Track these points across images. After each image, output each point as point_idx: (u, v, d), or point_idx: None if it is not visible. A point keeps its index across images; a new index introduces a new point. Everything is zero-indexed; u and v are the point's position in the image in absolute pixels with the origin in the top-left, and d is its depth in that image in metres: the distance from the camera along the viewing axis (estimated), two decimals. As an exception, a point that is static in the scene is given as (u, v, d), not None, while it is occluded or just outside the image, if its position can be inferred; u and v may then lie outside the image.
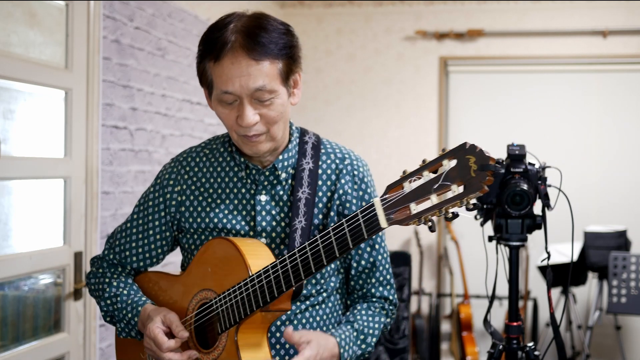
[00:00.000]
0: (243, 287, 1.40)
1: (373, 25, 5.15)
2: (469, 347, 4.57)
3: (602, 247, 3.93)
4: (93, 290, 1.69)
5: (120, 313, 1.59)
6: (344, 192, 1.56)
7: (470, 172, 1.11)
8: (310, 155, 1.57)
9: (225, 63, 1.41)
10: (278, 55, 1.43)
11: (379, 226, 1.23)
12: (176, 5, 3.49)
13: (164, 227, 1.62)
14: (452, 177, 1.13)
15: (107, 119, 2.90)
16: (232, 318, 1.42)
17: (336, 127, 5.15)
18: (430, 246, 5.09)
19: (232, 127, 1.47)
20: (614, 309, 3.53)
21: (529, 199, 2.09)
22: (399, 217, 1.20)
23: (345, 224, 1.28)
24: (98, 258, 1.71)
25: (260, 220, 1.53)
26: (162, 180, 1.64)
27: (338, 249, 1.30)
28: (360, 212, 1.26)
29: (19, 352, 2.46)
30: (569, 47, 4.89)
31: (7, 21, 2.41)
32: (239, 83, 1.40)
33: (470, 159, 1.11)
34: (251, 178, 1.56)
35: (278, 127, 1.48)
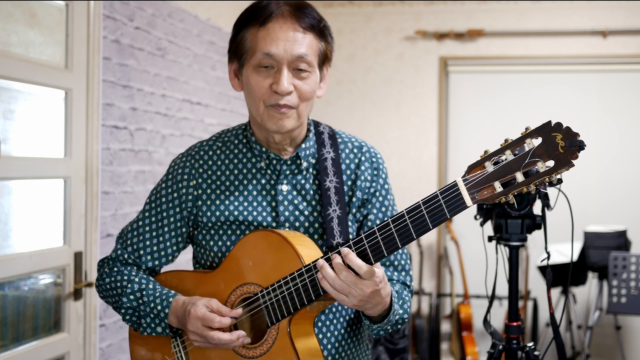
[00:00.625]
0: (298, 278, 1.37)
1: (373, 25, 5.15)
2: (469, 347, 4.57)
3: (602, 247, 3.93)
4: (110, 289, 1.59)
5: (147, 307, 1.51)
6: (364, 178, 1.57)
7: (559, 148, 1.16)
8: (330, 145, 1.57)
9: (272, 26, 1.43)
10: (321, 35, 1.47)
11: (464, 205, 1.24)
12: (176, 5, 3.49)
13: (179, 223, 1.58)
14: (538, 154, 1.18)
15: (107, 119, 2.90)
16: (286, 309, 1.39)
17: (336, 127, 5.13)
18: (430, 246, 5.09)
19: (263, 96, 1.45)
20: (614, 309, 3.53)
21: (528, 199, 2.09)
22: (484, 195, 1.23)
23: (423, 205, 1.27)
24: (109, 259, 1.63)
25: (283, 210, 1.52)
26: (174, 175, 1.59)
27: (415, 231, 1.28)
28: (441, 193, 1.25)
29: (19, 352, 2.46)
30: (568, 47, 4.89)
31: (7, 21, 2.41)
32: (283, 46, 1.41)
33: (557, 135, 1.17)
34: (271, 168, 1.54)
35: (306, 107, 1.47)
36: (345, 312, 1.56)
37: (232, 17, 4.31)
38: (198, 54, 3.72)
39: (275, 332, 1.42)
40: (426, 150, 5.10)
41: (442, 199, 1.25)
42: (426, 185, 5.08)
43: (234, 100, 4.16)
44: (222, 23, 4.06)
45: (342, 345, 1.55)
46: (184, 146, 3.57)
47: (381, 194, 1.59)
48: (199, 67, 3.74)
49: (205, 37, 3.81)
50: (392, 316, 1.44)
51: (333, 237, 1.46)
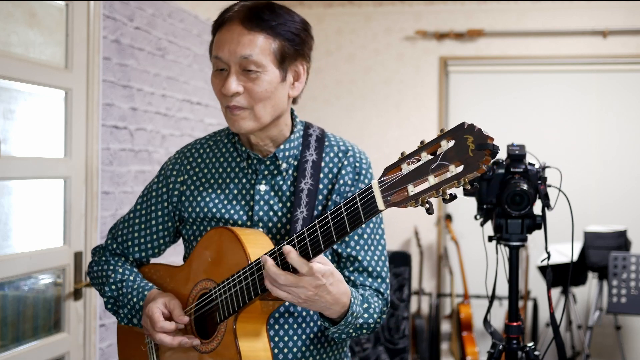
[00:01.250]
0: (242, 276, 1.39)
1: (373, 25, 5.15)
2: (469, 347, 4.57)
3: (602, 247, 3.93)
4: (96, 277, 1.67)
5: (125, 298, 1.58)
6: (344, 182, 1.55)
7: (469, 152, 1.09)
8: (314, 147, 1.56)
9: (222, 31, 1.48)
10: (275, 34, 1.46)
11: (377, 208, 1.21)
12: (176, 5, 3.49)
13: (166, 217, 1.63)
14: (449, 157, 1.11)
15: (107, 119, 2.90)
16: (231, 307, 1.41)
17: (336, 127, 5.15)
18: (430, 246, 5.09)
19: (220, 99, 1.49)
20: (614, 309, 3.53)
21: (529, 199, 2.09)
22: (397, 199, 1.18)
23: (344, 207, 1.26)
24: (100, 247, 1.71)
25: (258, 209, 1.53)
26: (165, 171, 1.65)
27: (336, 234, 1.27)
28: (358, 195, 1.24)
29: (19, 352, 2.46)
30: (569, 47, 4.89)
31: (7, 21, 2.41)
32: (227, 48, 1.45)
33: (468, 138, 1.10)
34: (252, 168, 1.56)
35: (263, 107, 1.47)
36: (316, 316, 1.54)
37: (232, 17, 4.30)
38: (198, 54, 3.72)
39: (224, 329, 1.44)
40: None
41: (359, 202, 1.24)
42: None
43: (234, 100, 4.15)
44: (222, 23, 4.05)
45: (310, 351, 1.53)
46: (184, 146, 3.57)
47: None
48: (199, 67, 3.74)
49: (205, 37, 3.81)
50: (350, 318, 1.41)
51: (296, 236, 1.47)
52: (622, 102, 4.88)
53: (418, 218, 5.07)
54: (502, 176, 2.15)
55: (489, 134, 1.09)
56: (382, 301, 1.55)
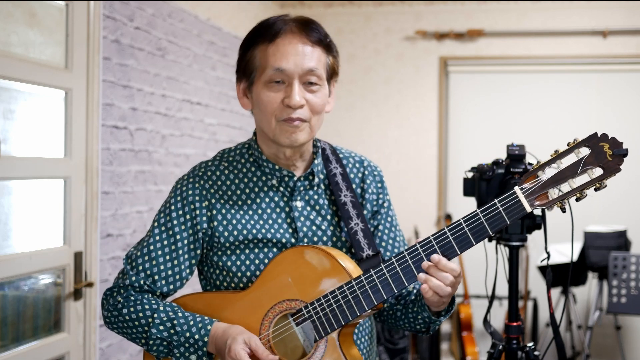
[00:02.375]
0: (347, 290, 1.40)
1: (373, 25, 5.15)
2: (469, 347, 4.57)
3: (602, 247, 3.93)
4: (128, 320, 1.50)
5: (182, 337, 1.46)
6: (372, 191, 1.61)
7: (607, 157, 1.31)
8: (335, 160, 1.60)
9: (282, 42, 1.46)
10: (328, 50, 1.51)
11: (524, 210, 1.34)
12: (176, 5, 3.49)
13: (193, 245, 1.53)
14: (589, 162, 1.32)
15: (107, 119, 2.90)
16: (335, 322, 1.41)
17: (336, 127, 5.15)
18: (430, 246, 5.08)
19: (275, 111, 1.46)
20: (614, 309, 3.53)
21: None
22: (541, 201, 1.35)
23: (481, 213, 1.36)
24: (120, 287, 1.54)
25: (301, 226, 1.53)
26: (184, 197, 1.54)
27: (474, 238, 1.36)
28: (499, 201, 1.35)
29: (19, 352, 2.46)
30: (569, 47, 4.89)
31: (7, 21, 2.41)
32: (293, 61, 1.44)
33: (604, 145, 1.31)
34: (283, 185, 1.54)
35: (318, 120, 1.50)
36: (364, 321, 1.59)
37: (232, 17, 4.33)
38: (198, 54, 3.72)
39: (324, 345, 1.43)
40: (426, 150, 5.09)
41: (500, 207, 1.35)
42: (426, 185, 5.08)
43: (233, 101, 4.16)
44: (222, 23, 4.06)
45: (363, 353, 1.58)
46: (184, 146, 3.57)
47: (387, 206, 1.64)
48: (199, 67, 3.74)
49: (205, 37, 3.81)
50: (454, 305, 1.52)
51: (362, 249, 1.50)
52: (622, 102, 4.88)
53: (418, 218, 5.07)
54: (502, 176, 2.15)
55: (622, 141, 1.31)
56: None
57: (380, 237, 1.61)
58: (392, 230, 1.63)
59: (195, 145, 3.70)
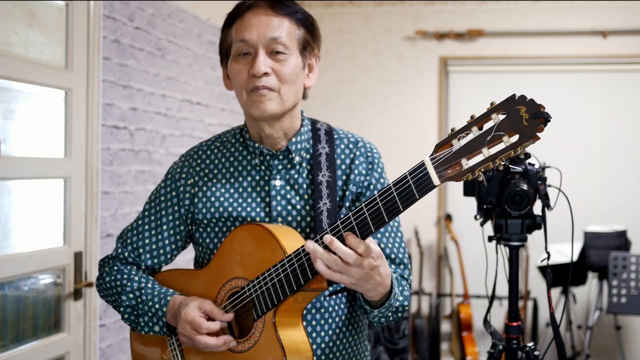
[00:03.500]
0: (280, 269, 1.38)
1: (373, 25, 5.15)
2: (469, 347, 4.57)
3: (602, 247, 3.93)
4: (109, 287, 1.60)
5: (145, 305, 1.53)
6: (358, 172, 1.58)
7: (523, 121, 1.14)
8: (325, 140, 1.59)
9: (247, 16, 1.50)
10: (299, 21, 1.51)
11: (432, 184, 1.23)
12: (176, 5, 3.49)
13: (178, 221, 1.61)
14: (503, 128, 1.16)
15: (107, 119, 2.90)
16: (270, 301, 1.40)
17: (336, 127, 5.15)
18: (430, 246, 5.09)
19: (243, 83, 1.49)
20: (614, 309, 3.53)
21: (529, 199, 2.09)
22: (451, 173, 1.22)
23: (394, 187, 1.27)
24: (109, 258, 1.65)
25: (276, 205, 1.54)
26: (173, 175, 1.63)
27: (387, 214, 1.27)
28: (409, 173, 1.26)
29: (19, 352, 2.46)
30: (569, 47, 4.89)
31: (7, 21, 2.41)
32: (256, 31, 1.47)
33: (521, 109, 1.16)
34: (265, 164, 1.56)
35: (289, 90, 1.49)
36: (340, 311, 1.56)
37: (232, 17, 4.30)
38: (198, 54, 3.72)
39: (262, 325, 1.42)
40: (426, 150, 5.08)
41: (410, 180, 1.26)
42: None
43: (233, 100, 4.16)
44: (222, 23, 4.05)
45: (336, 344, 1.55)
46: (184, 146, 3.57)
47: (376, 188, 1.59)
48: (199, 67, 3.74)
49: (205, 37, 3.81)
50: (393, 300, 1.43)
51: (322, 229, 1.47)
52: (622, 102, 4.88)
53: (418, 218, 5.07)
54: (502, 176, 2.15)
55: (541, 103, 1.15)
56: (408, 285, 1.59)
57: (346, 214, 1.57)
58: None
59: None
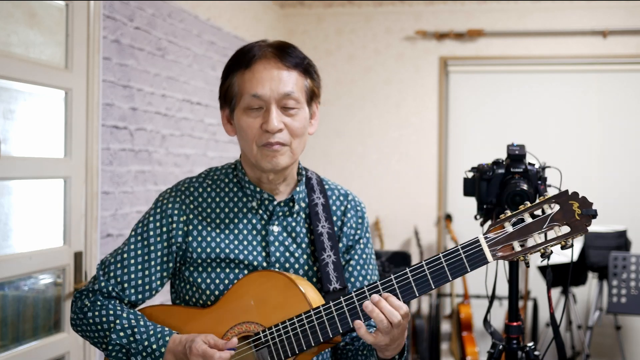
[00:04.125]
0: (305, 319, 1.41)
1: (373, 25, 5.15)
2: (469, 347, 4.57)
3: (602, 247, 3.93)
4: (92, 324, 1.51)
5: (140, 345, 1.47)
6: (350, 226, 1.61)
7: (575, 216, 1.31)
8: (319, 190, 1.61)
9: (257, 68, 1.48)
10: (306, 73, 1.53)
11: (485, 260, 1.35)
12: (176, 5, 3.49)
13: (166, 257, 1.55)
14: (557, 219, 1.32)
15: (107, 119, 2.90)
16: (290, 350, 1.41)
17: (336, 127, 5.15)
18: (430, 246, 5.09)
19: (254, 137, 1.48)
20: (614, 309, 3.53)
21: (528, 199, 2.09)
22: (504, 253, 1.35)
23: (443, 257, 1.36)
24: (89, 291, 1.55)
25: (274, 250, 1.54)
26: (163, 209, 1.56)
27: (433, 281, 1.36)
28: (462, 247, 1.35)
29: (19, 352, 2.46)
30: (569, 47, 4.89)
31: (7, 21, 2.41)
32: (269, 86, 1.46)
33: (573, 204, 1.32)
34: (262, 208, 1.55)
35: (299, 143, 1.51)
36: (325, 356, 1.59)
37: (232, 17, 4.33)
38: (198, 54, 3.72)
39: None
40: (426, 150, 5.09)
41: (463, 254, 1.35)
42: (426, 185, 5.08)
43: (234, 100, 4.15)
44: (222, 23, 4.06)
45: None
46: (184, 146, 3.57)
47: (363, 242, 1.64)
48: (199, 67, 3.74)
49: (205, 37, 3.81)
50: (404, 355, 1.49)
51: (329, 282, 1.51)
52: (622, 102, 4.88)
53: (418, 218, 5.07)
54: (502, 176, 2.15)
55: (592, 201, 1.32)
56: None
57: (351, 272, 1.61)
58: (364, 267, 1.62)
59: (195, 145, 3.70)
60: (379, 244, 4.94)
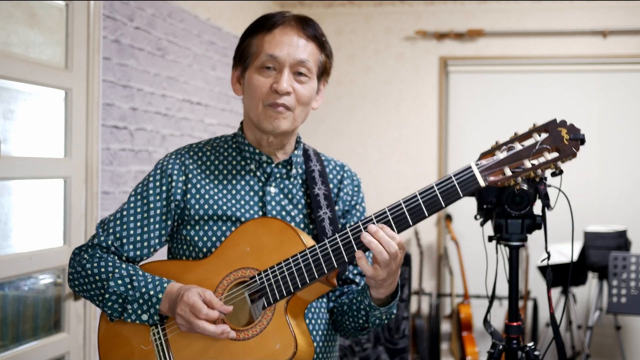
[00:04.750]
0: (300, 258, 1.43)
1: (373, 25, 5.15)
2: (469, 347, 4.57)
3: (602, 247, 3.93)
4: (90, 275, 1.52)
5: (138, 292, 1.48)
6: (346, 192, 1.66)
7: (564, 141, 1.34)
8: (316, 159, 1.67)
9: (277, 32, 1.54)
10: (322, 48, 1.58)
11: (477, 183, 1.37)
12: (176, 5, 3.49)
13: (165, 216, 1.58)
14: (545, 144, 1.35)
15: (107, 119, 2.90)
16: (286, 289, 1.44)
17: (336, 127, 5.15)
18: (430, 246, 5.09)
19: (262, 96, 1.53)
20: (614, 309, 3.53)
21: (529, 199, 2.09)
22: (495, 178, 1.38)
23: (436, 186, 1.40)
24: (87, 246, 1.57)
25: (271, 209, 1.57)
26: (163, 169, 1.59)
27: (427, 209, 1.40)
28: (455, 175, 1.39)
29: (19, 352, 2.46)
30: (569, 47, 4.89)
31: (7, 21, 2.41)
32: (287, 50, 1.52)
33: (562, 130, 1.35)
34: (261, 170, 1.60)
35: (302, 112, 1.56)
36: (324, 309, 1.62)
37: (232, 17, 4.32)
38: (198, 54, 3.72)
39: (271, 313, 1.45)
40: (426, 150, 5.09)
41: (455, 180, 1.39)
42: (426, 185, 5.07)
43: (233, 100, 4.16)
44: (222, 23, 4.06)
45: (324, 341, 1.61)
46: (184, 146, 3.57)
47: (359, 210, 1.69)
48: (199, 67, 3.74)
49: (205, 37, 3.81)
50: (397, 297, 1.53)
51: (326, 235, 1.55)
52: (622, 102, 4.88)
53: (418, 218, 5.07)
54: (502, 176, 2.15)
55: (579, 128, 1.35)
56: None
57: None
58: None
59: (195, 145, 3.69)
60: (379, 244, 4.94)
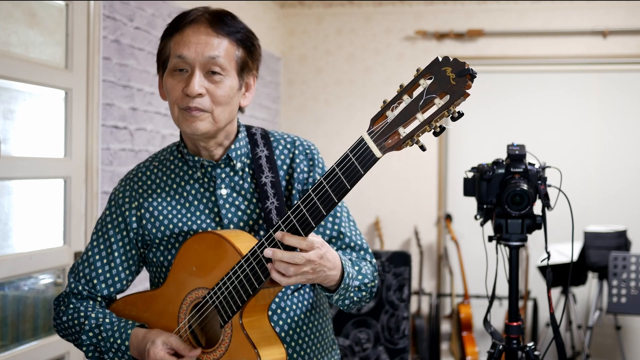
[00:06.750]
0: (239, 270, 1.37)
1: (373, 25, 5.15)
2: (469, 347, 4.57)
3: (602, 247, 3.93)
4: (68, 327, 1.57)
5: (107, 342, 1.51)
6: (300, 171, 1.59)
7: (450, 81, 1.17)
8: (263, 144, 1.59)
9: (186, 31, 1.47)
10: (239, 42, 1.49)
11: (374, 157, 1.24)
12: (176, 5, 3.49)
13: (128, 246, 1.58)
14: (433, 90, 1.19)
15: (107, 119, 2.90)
16: (234, 304, 1.39)
17: (336, 127, 5.15)
18: (430, 246, 5.09)
19: (177, 99, 1.47)
20: (614, 309, 3.53)
21: (529, 199, 2.09)
22: (391, 143, 1.23)
23: (337, 167, 1.27)
24: (63, 296, 1.62)
25: (226, 213, 1.54)
26: (116, 201, 1.60)
27: (335, 195, 1.28)
28: (350, 151, 1.26)
29: (19, 352, 2.46)
30: (569, 47, 4.89)
31: (7, 21, 2.41)
32: (194, 49, 1.45)
33: (446, 70, 1.18)
34: (207, 176, 1.56)
35: (223, 111, 1.48)
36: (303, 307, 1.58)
37: (232, 17, 4.30)
38: (198, 54, 3.72)
39: (230, 330, 1.42)
40: (426, 150, 5.09)
41: (352, 157, 1.26)
42: (426, 185, 5.08)
43: (234, 100, 4.15)
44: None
45: (302, 337, 1.57)
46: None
47: None
48: (199, 67, 3.74)
49: (205, 37, 3.81)
50: (348, 280, 1.44)
51: (272, 226, 1.46)
52: (622, 102, 4.88)
53: (418, 218, 5.07)
54: (502, 176, 2.15)
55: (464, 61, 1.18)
56: (371, 265, 1.59)
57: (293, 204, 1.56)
58: None
59: (195, 145, 3.69)
60: (378, 244, 4.94)
